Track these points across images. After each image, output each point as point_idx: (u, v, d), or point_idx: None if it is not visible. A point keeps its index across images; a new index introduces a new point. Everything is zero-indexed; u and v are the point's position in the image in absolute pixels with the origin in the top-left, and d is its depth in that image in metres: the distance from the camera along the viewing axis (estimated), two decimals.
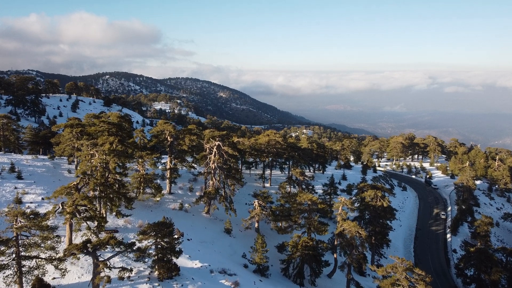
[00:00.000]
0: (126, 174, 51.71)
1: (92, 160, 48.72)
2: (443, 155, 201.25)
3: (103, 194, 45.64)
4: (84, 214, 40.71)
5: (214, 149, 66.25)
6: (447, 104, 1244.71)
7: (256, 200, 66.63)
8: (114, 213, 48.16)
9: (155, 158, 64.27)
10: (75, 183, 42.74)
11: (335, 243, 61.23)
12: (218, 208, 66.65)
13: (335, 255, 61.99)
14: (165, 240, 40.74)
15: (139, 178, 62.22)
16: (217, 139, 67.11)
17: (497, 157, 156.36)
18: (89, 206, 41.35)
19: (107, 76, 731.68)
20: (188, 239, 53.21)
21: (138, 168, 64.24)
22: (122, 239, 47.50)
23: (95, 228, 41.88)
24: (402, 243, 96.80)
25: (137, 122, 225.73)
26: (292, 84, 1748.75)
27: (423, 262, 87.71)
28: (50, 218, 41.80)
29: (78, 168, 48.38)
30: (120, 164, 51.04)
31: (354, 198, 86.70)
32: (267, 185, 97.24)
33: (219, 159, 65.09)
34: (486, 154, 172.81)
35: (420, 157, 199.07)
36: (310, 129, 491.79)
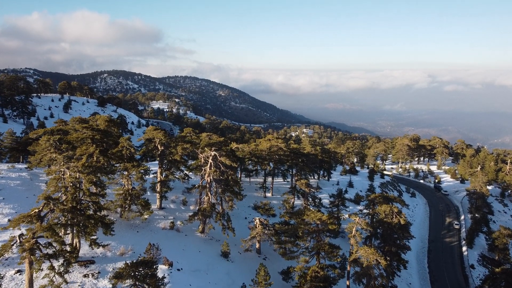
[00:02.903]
0: (104, 194, 43.84)
1: (64, 178, 40.93)
2: (450, 157, 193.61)
3: (74, 221, 37.82)
4: (46, 251, 32.94)
5: (210, 160, 58.45)
6: (446, 103, 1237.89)
7: (258, 218, 58.88)
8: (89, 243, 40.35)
9: (142, 171, 56.34)
10: (38, 209, 35.02)
11: (348, 268, 53.58)
12: (214, 228, 58.76)
13: (347, 282, 54.27)
14: (147, 281, 33.06)
15: (123, 194, 54.43)
16: (213, 148, 59.29)
17: (509, 160, 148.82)
18: (54, 238, 33.65)
19: (105, 75, 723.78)
20: (179, 269, 45.41)
21: (123, 182, 56.30)
22: (99, 272, 39.85)
23: (61, 267, 34.11)
24: (415, 257, 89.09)
25: (132, 123, 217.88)
26: (292, 82, 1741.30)
27: (439, 280, 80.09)
28: (9, 251, 34.29)
29: (45, 188, 40.46)
30: (98, 182, 43.10)
31: (364, 210, 79.29)
32: (269, 194, 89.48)
33: (215, 171, 57.30)
34: (495, 157, 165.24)
35: (426, 159, 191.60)
36: (310, 128, 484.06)
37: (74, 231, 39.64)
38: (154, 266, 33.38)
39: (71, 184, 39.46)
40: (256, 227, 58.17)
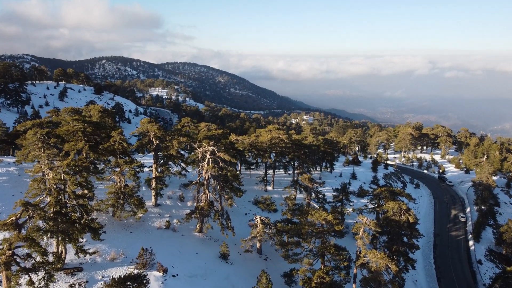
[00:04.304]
0: (91, 197, 40.36)
1: (47, 179, 37.38)
2: (453, 146, 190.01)
3: (57, 228, 34.39)
4: (25, 264, 29.60)
5: (208, 156, 54.86)
6: (447, 89, 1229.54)
7: (259, 217, 55.57)
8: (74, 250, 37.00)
9: (135, 167, 52.79)
10: (15, 216, 31.59)
11: (355, 271, 50.51)
12: (212, 228, 55.44)
13: (354, 286, 51.25)
14: None
15: (115, 193, 51.00)
16: (211, 143, 55.64)
17: None
18: (34, 249, 30.30)
19: (104, 61, 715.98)
20: (174, 275, 42.18)
21: (115, 179, 52.78)
22: (86, 281, 36.59)
23: (41, 281, 30.81)
24: (421, 252, 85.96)
25: (130, 111, 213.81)
26: (292, 69, 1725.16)
27: (446, 276, 77.31)
28: None
29: (26, 191, 36.89)
30: (85, 183, 39.50)
31: (369, 205, 76.10)
32: (270, 188, 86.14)
33: (213, 167, 53.76)
34: (500, 146, 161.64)
35: (429, 148, 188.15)
36: (310, 115, 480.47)
37: (59, 238, 36.22)
38: (144, 280, 30.06)
39: (55, 187, 35.95)
40: (257, 226, 54.96)
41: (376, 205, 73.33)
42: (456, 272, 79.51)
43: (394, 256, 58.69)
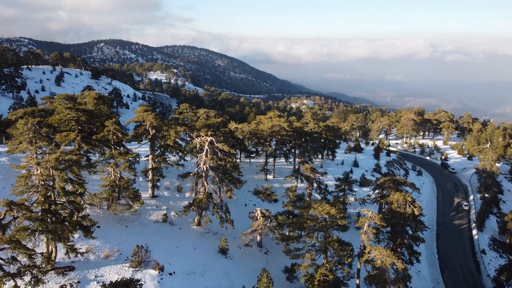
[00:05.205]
0: (82, 193, 38.23)
1: (34, 175, 35.20)
2: (455, 131, 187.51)
3: (45, 228, 32.35)
4: (9, 269, 27.67)
5: (206, 147, 52.64)
6: (448, 73, 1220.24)
7: (259, 209, 53.67)
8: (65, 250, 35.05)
9: (131, 159, 50.61)
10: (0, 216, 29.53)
11: (358, 266, 48.87)
12: (211, 221, 53.54)
13: (357, 281, 49.66)
14: None
15: (110, 185, 48.94)
16: (209, 133, 53.33)
17: None
18: (20, 251, 28.36)
19: (102, 44, 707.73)
20: (171, 273, 40.43)
21: (110, 171, 50.65)
22: (78, 281, 34.77)
23: (28, 285, 28.93)
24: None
25: (128, 96, 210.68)
26: (293, 52, 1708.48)
27: (450, 267, 76.00)
28: None
29: (12, 188, 34.71)
30: (75, 178, 37.31)
31: (372, 195, 74.33)
32: (270, 177, 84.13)
33: (212, 158, 51.59)
34: (503, 132, 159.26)
35: (432, 134, 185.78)
36: (310, 99, 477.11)
37: (49, 237, 34.22)
38: (138, 286, 28.16)
39: (42, 183, 33.81)
40: (257, 219, 53.12)
41: (379, 196, 71.50)
42: (459, 262, 78.17)
43: (398, 249, 57.15)
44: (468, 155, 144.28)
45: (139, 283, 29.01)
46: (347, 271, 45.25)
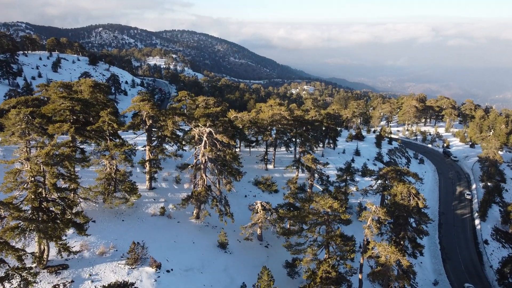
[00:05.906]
0: (75, 189, 36.69)
1: (24, 171, 33.59)
2: (457, 118, 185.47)
3: (35, 227, 30.88)
4: None
5: (204, 138, 50.93)
6: (449, 58, 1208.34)
7: (259, 202, 52.28)
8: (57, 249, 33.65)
9: (127, 151, 48.98)
10: None
11: (361, 261, 47.66)
12: (210, 215, 52.15)
13: (360, 276, 48.50)
14: None
15: (105, 179, 47.41)
16: (208, 124, 51.55)
17: None
18: (8, 253, 26.94)
19: (100, 29, 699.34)
20: (168, 270, 39.16)
21: (105, 164, 49.05)
22: (72, 281, 33.48)
23: None
24: None
25: (126, 82, 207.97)
26: (293, 37, 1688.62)
27: (452, 257, 75.11)
28: None
29: (0, 185, 33.10)
30: (67, 173, 35.70)
31: (374, 186, 72.89)
32: (270, 167, 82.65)
33: (211, 150, 49.97)
34: (506, 119, 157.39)
35: (433, 121, 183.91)
36: (311, 85, 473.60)
37: (40, 236, 32.77)
38: None
39: (32, 179, 32.23)
40: (258, 212, 51.78)
41: (381, 186, 70.10)
42: (462, 253, 77.32)
43: (402, 242, 56.01)
44: (470, 143, 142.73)
45: (133, 285, 27.65)
46: (350, 266, 44.10)
